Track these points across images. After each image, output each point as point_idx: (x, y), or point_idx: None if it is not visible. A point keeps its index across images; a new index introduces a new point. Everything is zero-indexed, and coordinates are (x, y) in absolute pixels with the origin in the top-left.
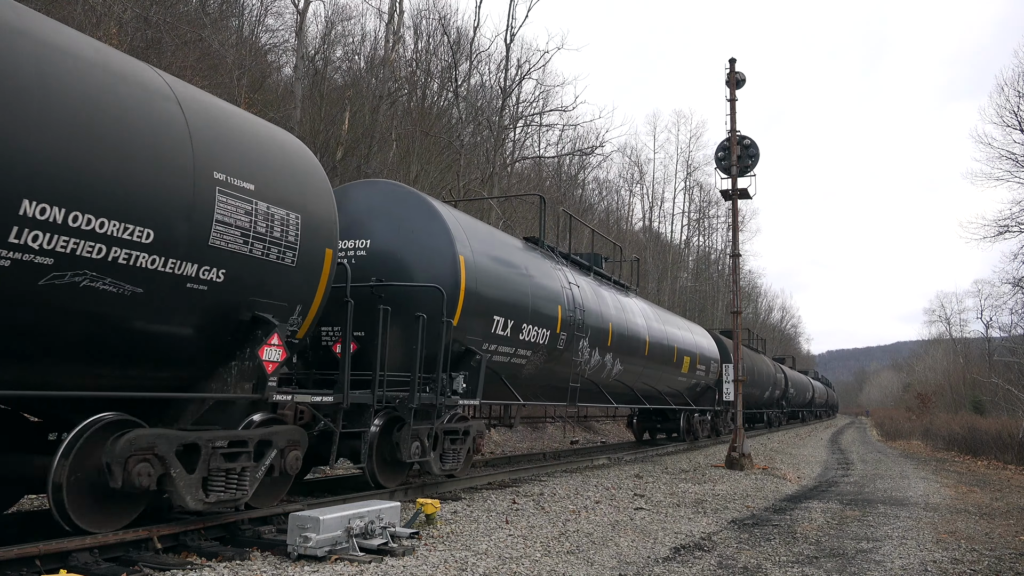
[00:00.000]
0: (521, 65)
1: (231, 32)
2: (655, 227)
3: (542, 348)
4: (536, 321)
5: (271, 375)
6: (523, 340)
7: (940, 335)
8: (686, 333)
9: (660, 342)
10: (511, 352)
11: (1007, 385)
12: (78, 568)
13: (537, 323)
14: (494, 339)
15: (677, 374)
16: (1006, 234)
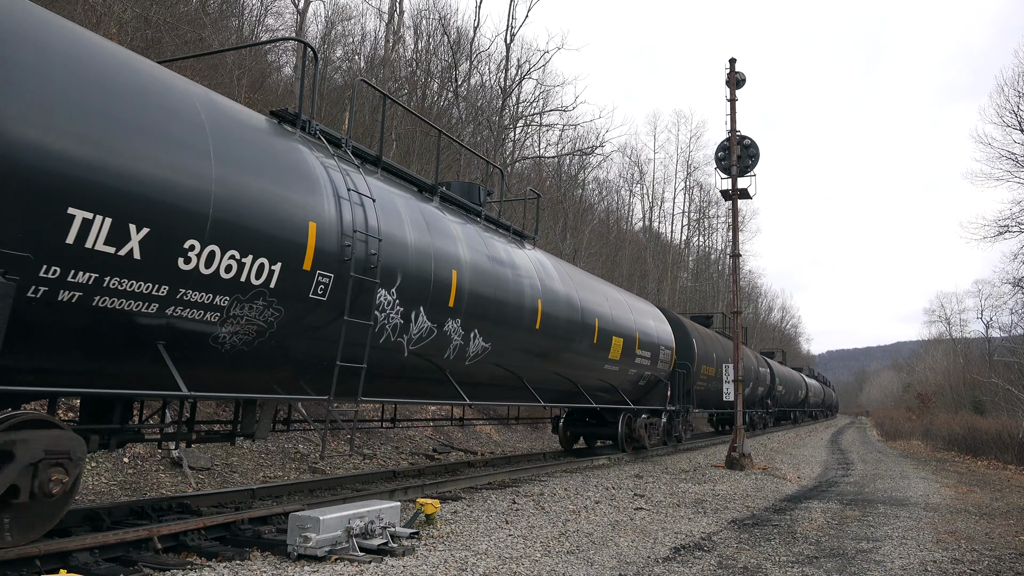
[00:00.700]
0: (521, 65)
1: (231, 32)
2: (655, 227)
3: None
4: (241, 244)
5: None
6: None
7: (940, 335)
8: (622, 309)
9: (566, 314)
10: None
11: (1007, 385)
12: (78, 568)
13: (244, 248)
14: None
15: (602, 362)
16: (1006, 234)
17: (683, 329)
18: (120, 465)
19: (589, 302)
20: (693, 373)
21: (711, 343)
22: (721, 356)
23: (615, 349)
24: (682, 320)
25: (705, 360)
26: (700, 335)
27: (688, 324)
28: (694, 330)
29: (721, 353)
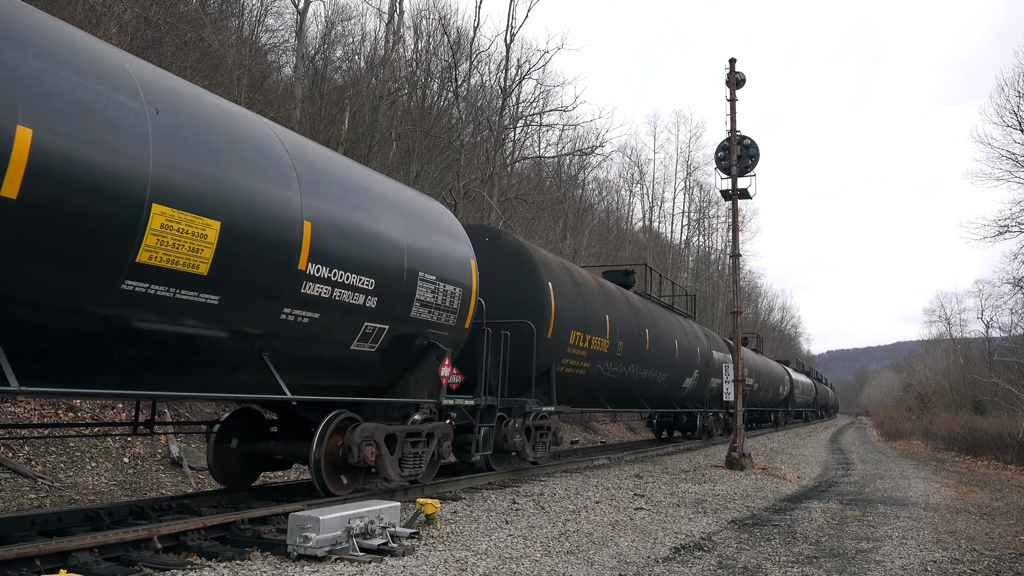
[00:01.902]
0: (521, 65)
1: (231, 32)
2: (655, 227)
3: None
4: None
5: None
6: None
7: (940, 335)
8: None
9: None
10: None
11: (1007, 385)
12: (78, 568)
13: None
14: None
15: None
16: (1006, 234)
17: (791, 371)
18: (120, 465)
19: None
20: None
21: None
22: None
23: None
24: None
25: (795, 383)
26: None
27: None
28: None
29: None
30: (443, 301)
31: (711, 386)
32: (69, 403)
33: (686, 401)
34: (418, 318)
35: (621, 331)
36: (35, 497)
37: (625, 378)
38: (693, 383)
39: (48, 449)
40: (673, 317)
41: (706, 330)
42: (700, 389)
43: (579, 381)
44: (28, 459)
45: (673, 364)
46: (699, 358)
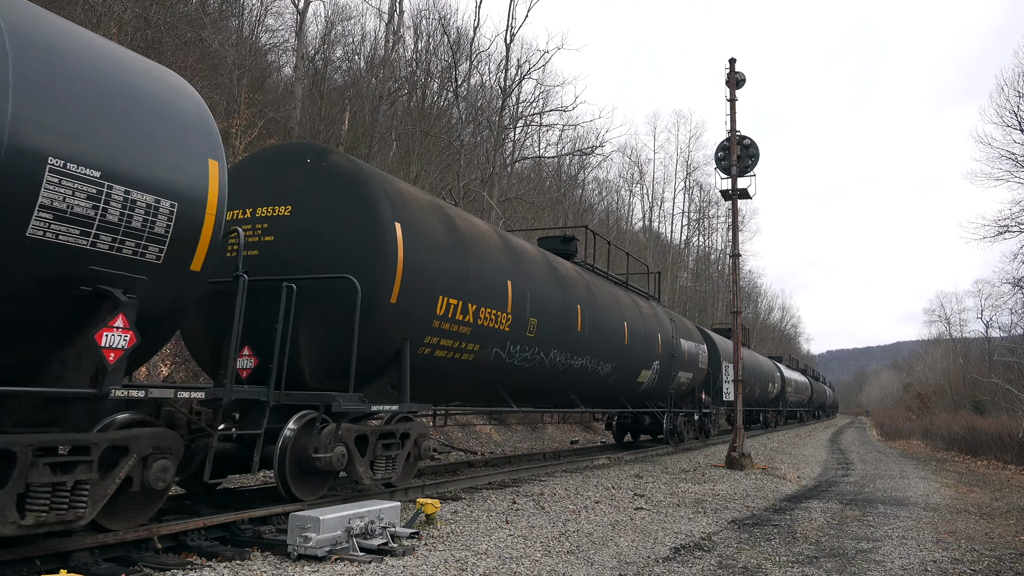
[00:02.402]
0: (521, 65)
1: (231, 32)
2: (655, 227)
3: None
4: None
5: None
6: None
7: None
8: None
9: None
10: None
11: (1007, 385)
12: (78, 568)
13: None
14: None
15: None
16: (1006, 234)
17: (711, 341)
18: None
19: None
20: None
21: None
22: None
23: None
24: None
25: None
26: (722, 346)
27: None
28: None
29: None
30: (123, 219)
31: (679, 381)
32: None
33: (644, 399)
34: (48, 240)
35: (534, 304)
36: None
37: (544, 368)
38: (653, 377)
39: None
40: (625, 295)
41: (672, 314)
42: (663, 384)
43: (465, 369)
44: None
45: (622, 352)
46: (660, 347)
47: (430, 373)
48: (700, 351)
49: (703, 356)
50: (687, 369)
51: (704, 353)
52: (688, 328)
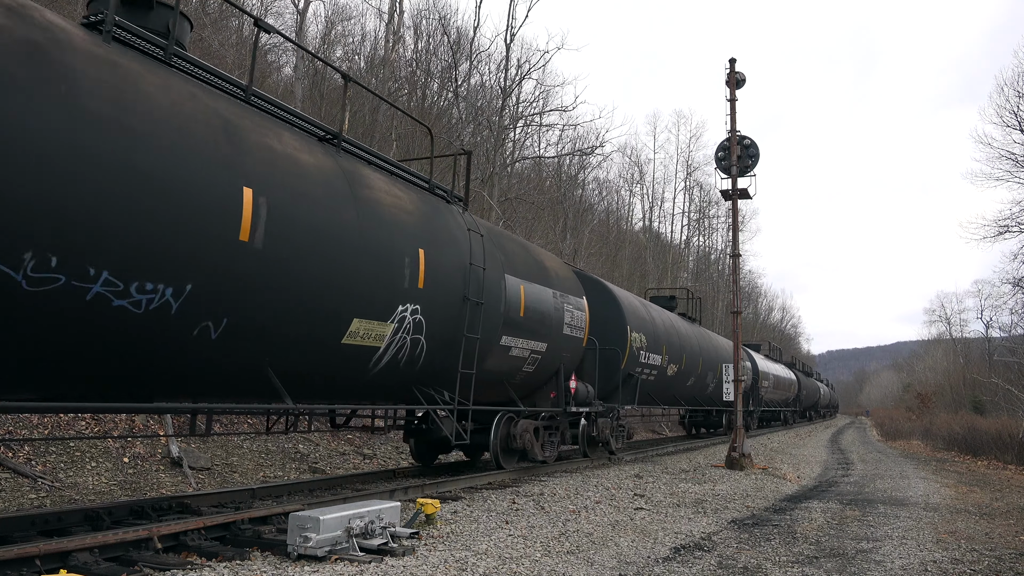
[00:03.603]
0: (521, 65)
1: (231, 32)
2: (655, 227)
3: None
4: None
5: None
6: None
7: (940, 335)
8: None
9: None
10: None
11: (1007, 385)
12: (78, 568)
13: None
14: None
15: None
16: (1006, 234)
17: (749, 355)
18: (120, 465)
19: None
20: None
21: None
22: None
23: None
24: (751, 352)
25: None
26: (756, 356)
27: (754, 353)
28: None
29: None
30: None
31: None
32: None
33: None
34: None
35: (673, 349)
36: (35, 497)
37: (671, 382)
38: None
39: (48, 449)
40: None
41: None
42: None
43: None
44: (28, 459)
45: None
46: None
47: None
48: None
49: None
50: None
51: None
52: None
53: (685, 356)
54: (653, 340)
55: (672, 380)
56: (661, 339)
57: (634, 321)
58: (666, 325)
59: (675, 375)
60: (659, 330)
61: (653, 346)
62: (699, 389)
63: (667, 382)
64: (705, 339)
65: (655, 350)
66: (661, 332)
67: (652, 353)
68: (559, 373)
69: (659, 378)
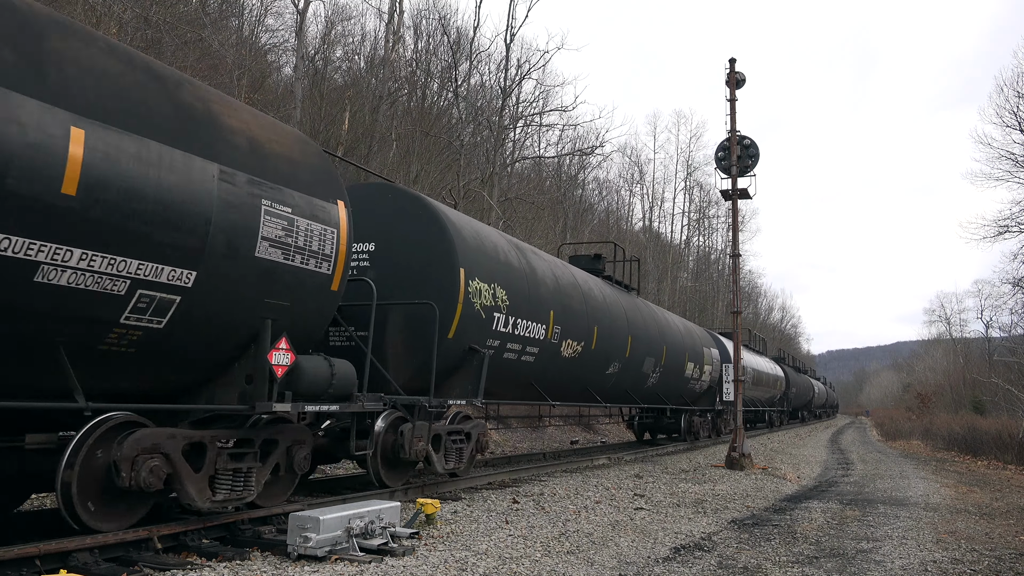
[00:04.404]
0: (521, 65)
1: (231, 32)
2: (655, 227)
3: None
4: None
5: None
6: None
7: (940, 335)
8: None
9: None
10: None
11: (1007, 385)
12: (78, 568)
13: None
14: None
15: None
16: (1006, 234)
17: (722, 343)
18: None
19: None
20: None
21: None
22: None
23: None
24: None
25: (521, 302)
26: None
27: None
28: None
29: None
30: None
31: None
32: None
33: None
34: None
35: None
36: (35, 497)
37: (569, 370)
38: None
39: None
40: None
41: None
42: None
43: None
44: None
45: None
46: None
47: None
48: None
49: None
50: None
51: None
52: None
53: (598, 332)
54: (527, 301)
55: (572, 364)
56: (546, 302)
57: (478, 263)
58: (563, 285)
59: (578, 357)
60: (542, 288)
61: (526, 310)
62: (632, 381)
63: (562, 367)
64: (643, 314)
65: (532, 316)
66: (548, 292)
67: (524, 320)
68: (260, 338)
69: (544, 360)
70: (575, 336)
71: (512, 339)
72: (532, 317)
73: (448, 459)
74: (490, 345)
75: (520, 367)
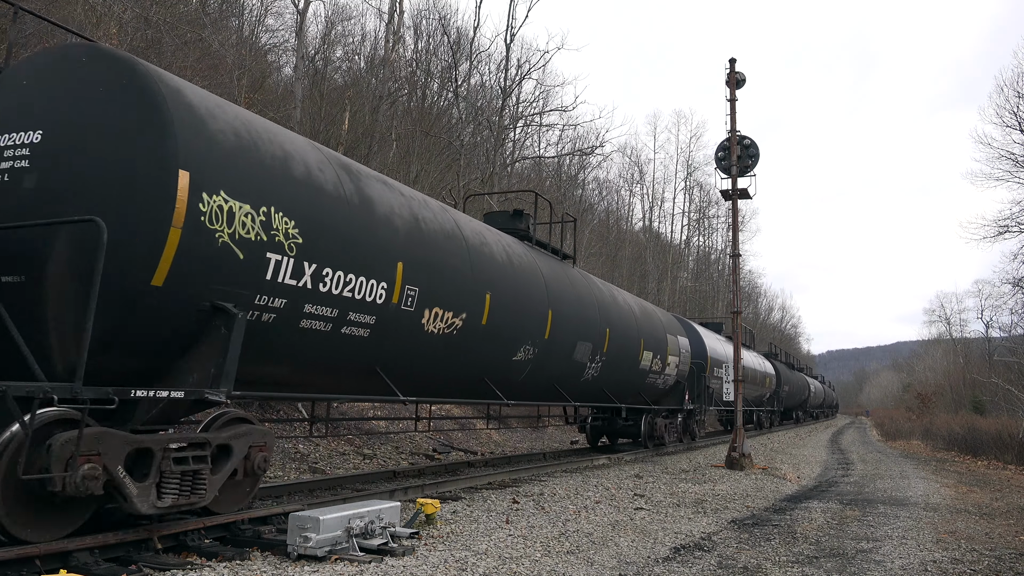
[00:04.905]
0: (521, 65)
1: (231, 32)
2: (655, 227)
3: None
4: None
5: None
6: None
7: (940, 335)
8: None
9: None
10: None
11: (1007, 385)
12: (78, 568)
13: None
14: None
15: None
16: (1006, 234)
17: (695, 332)
18: None
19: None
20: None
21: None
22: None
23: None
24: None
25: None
26: (707, 336)
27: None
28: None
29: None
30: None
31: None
32: None
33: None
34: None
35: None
36: None
37: None
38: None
39: None
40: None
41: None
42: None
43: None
44: None
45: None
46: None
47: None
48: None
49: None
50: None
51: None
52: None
53: (492, 301)
54: (346, 244)
55: (448, 345)
56: (388, 250)
57: (236, 171)
58: (428, 231)
59: (456, 335)
60: (383, 230)
61: (344, 258)
62: (559, 372)
63: (428, 348)
64: (576, 287)
65: (358, 268)
66: (394, 236)
67: (341, 272)
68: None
69: (389, 335)
70: (447, 304)
71: (316, 299)
72: (358, 269)
73: (166, 490)
74: (261, 304)
75: (341, 344)
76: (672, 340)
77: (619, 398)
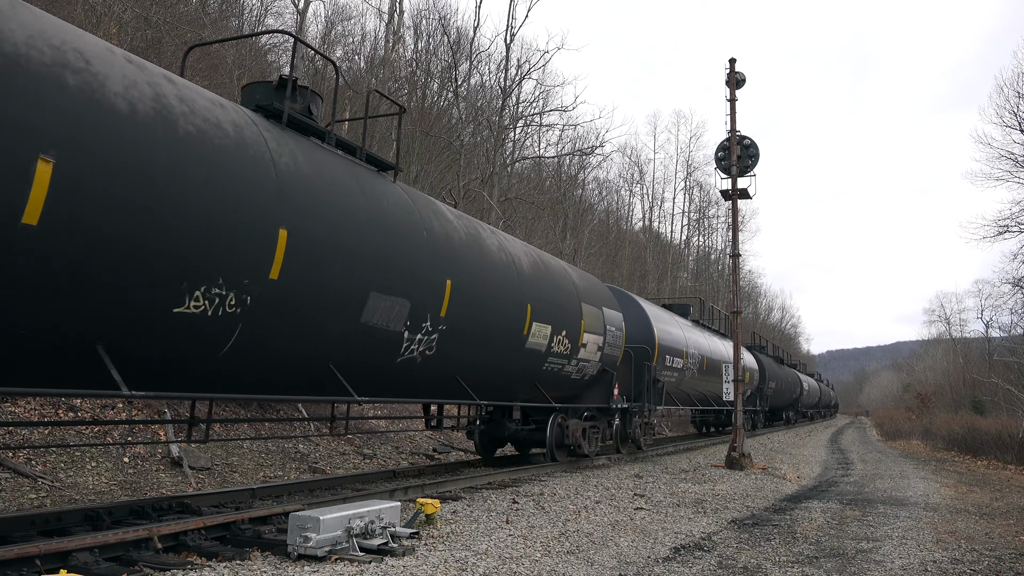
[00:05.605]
0: (521, 65)
1: (231, 32)
2: (655, 227)
3: None
4: None
5: None
6: None
7: (940, 335)
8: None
9: None
10: None
11: (1007, 385)
12: (78, 568)
13: None
14: None
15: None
16: (1006, 234)
17: (636, 307)
18: (120, 465)
19: None
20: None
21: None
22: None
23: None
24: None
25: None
26: (657, 315)
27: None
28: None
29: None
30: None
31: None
32: (69, 403)
33: None
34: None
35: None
36: (35, 497)
37: None
38: None
39: (48, 449)
40: None
41: None
42: None
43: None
44: (28, 459)
45: None
46: None
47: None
48: (611, 317)
49: (615, 325)
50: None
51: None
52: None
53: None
54: None
55: None
56: None
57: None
58: None
59: None
60: None
61: None
62: (309, 342)
63: None
64: (395, 213)
65: None
66: None
67: None
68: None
69: None
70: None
71: None
72: None
73: None
74: None
75: None
76: (593, 312)
77: (489, 392)
